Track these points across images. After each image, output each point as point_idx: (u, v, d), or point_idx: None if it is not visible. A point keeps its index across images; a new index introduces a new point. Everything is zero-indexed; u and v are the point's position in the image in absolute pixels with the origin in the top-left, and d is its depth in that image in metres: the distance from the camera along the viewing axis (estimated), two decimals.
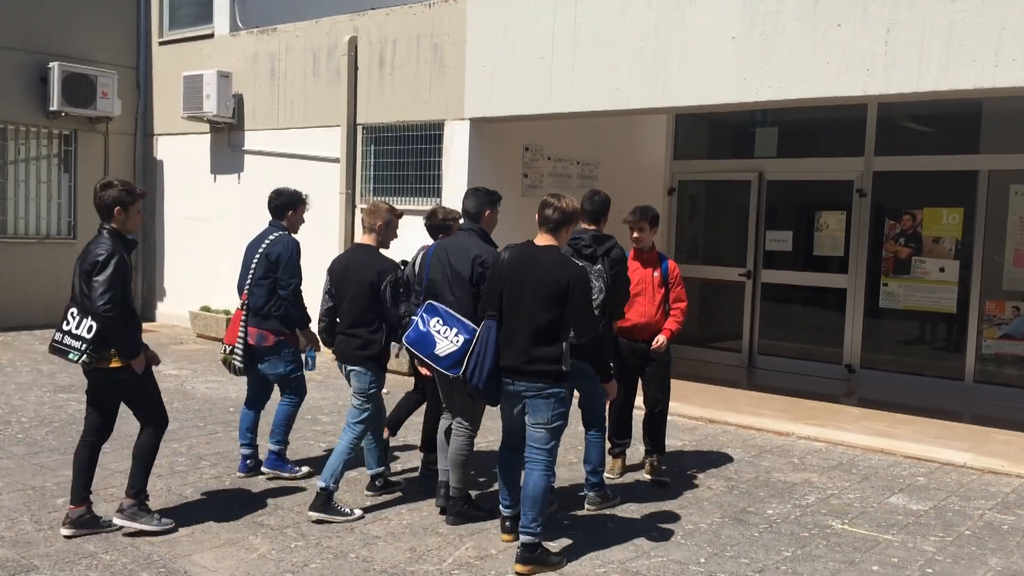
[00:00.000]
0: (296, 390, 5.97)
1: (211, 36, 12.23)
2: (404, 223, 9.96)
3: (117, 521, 4.77)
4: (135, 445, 4.88)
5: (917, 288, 9.69)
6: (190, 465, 6.04)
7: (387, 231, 5.62)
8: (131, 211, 4.74)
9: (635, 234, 5.88)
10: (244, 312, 5.84)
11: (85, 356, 4.60)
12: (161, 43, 12.92)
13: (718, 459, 6.71)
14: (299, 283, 5.91)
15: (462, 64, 9.42)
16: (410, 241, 9.93)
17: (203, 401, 7.99)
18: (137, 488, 4.81)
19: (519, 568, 4.43)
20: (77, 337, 4.62)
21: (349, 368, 5.39)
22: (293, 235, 6.11)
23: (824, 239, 10.35)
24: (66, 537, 4.68)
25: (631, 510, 5.46)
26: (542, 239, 4.64)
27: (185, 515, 5.05)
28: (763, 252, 10.78)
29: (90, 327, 4.59)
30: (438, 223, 5.82)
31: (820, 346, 10.44)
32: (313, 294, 5.83)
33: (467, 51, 9.37)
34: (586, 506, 5.44)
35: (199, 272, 12.38)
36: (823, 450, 7.07)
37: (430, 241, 5.86)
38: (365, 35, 10.37)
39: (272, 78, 11.40)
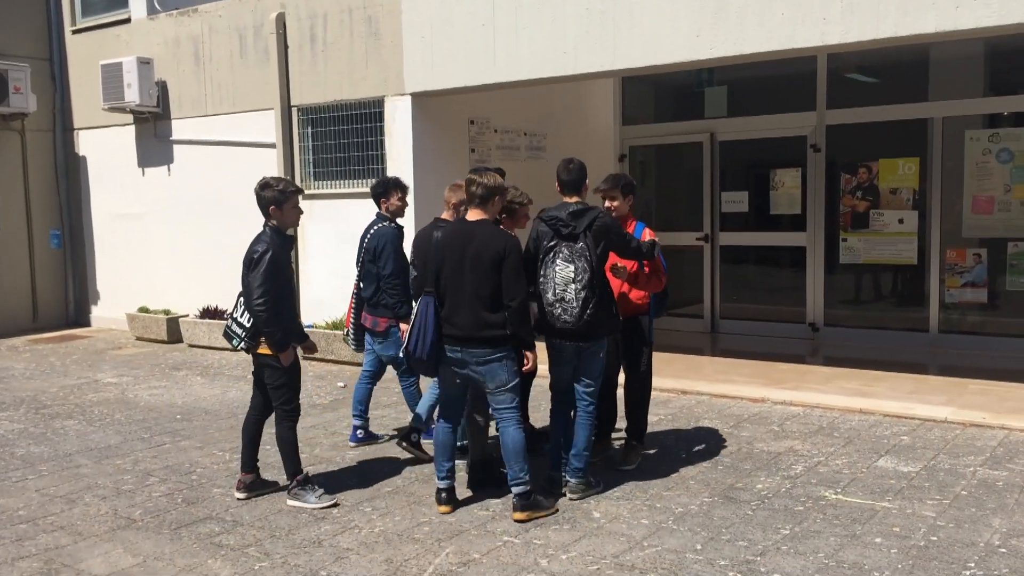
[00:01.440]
0: (406, 372, 6.20)
1: (128, 21, 11.52)
2: (349, 206, 9.59)
3: (290, 502, 5.10)
4: (276, 439, 5.22)
5: (876, 241, 9.56)
6: (137, 483, 5.58)
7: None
8: (286, 208, 5.10)
9: (607, 203, 5.55)
10: (355, 299, 6.34)
11: (244, 344, 5.08)
12: (75, 31, 12.16)
13: (697, 433, 6.46)
14: (396, 272, 5.98)
15: (399, 36, 8.95)
16: (356, 224, 9.48)
17: (147, 410, 7.48)
18: (291, 472, 5.15)
19: (518, 516, 4.78)
20: (240, 325, 5.09)
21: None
22: (396, 222, 6.26)
23: (780, 197, 10.16)
24: (240, 500, 5.19)
25: (615, 496, 5.16)
26: (473, 214, 4.94)
27: (133, 541, 4.61)
28: (719, 214, 10.56)
29: (250, 317, 5.02)
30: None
31: (783, 306, 10.28)
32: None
33: (403, 21, 8.90)
34: (567, 495, 5.13)
35: (134, 272, 11.75)
36: (801, 415, 6.87)
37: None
38: (293, 11, 9.81)
39: (197, 62, 10.77)
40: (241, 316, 5.08)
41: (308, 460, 5.92)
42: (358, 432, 6.33)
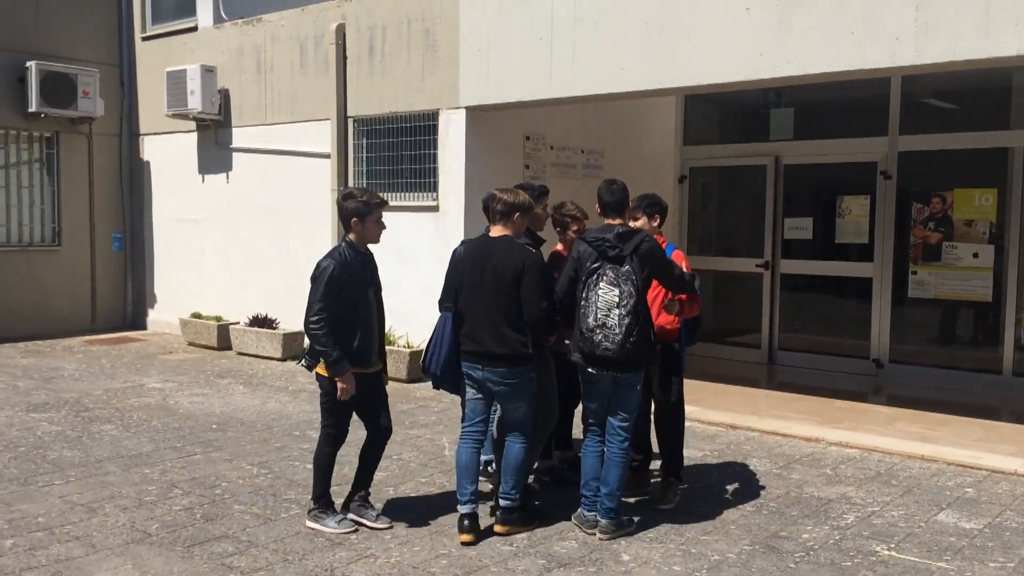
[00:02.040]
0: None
1: (195, 29, 11.65)
2: (402, 220, 9.49)
3: (309, 524, 4.93)
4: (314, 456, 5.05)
5: (949, 275, 9.04)
6: (160, 494, 5.48)
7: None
8: (368, 221, 4.81)
9: (631, 224, 5.30)
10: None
11: (304, 361, 4.95)
12: (144, 38, 12.36)
13: (743, 472, 6.10)
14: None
15: (456, 49, 8.82)
16: (408, 238, 9.40)
17: (185, 417, 7.43)
18: (317, 494, 4.96)
19: (499, 528, 4.83)
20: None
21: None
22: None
23: (847, 225, 9.71)
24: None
25: (648, 537, 4.86)
26: (496, 230, 4.90)
27: (144, 557, 4.49)
28: (781, 241, 10.15)
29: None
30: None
31: (845, 340, 9.81)
32: (304, 294, 5.05)
33: (461, 35, 8.77)
34: (598, 535, 4.86)
35: (190, 277, 11.85)
36: (857, 458, 6.46)
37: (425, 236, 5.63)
38: (353, 21, 9.78)
39: (258, 71, 10.83)
40: None
41: (334, 480, 5.74)
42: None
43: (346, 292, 4.74)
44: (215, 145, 11.40)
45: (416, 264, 9.19)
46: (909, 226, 9.29)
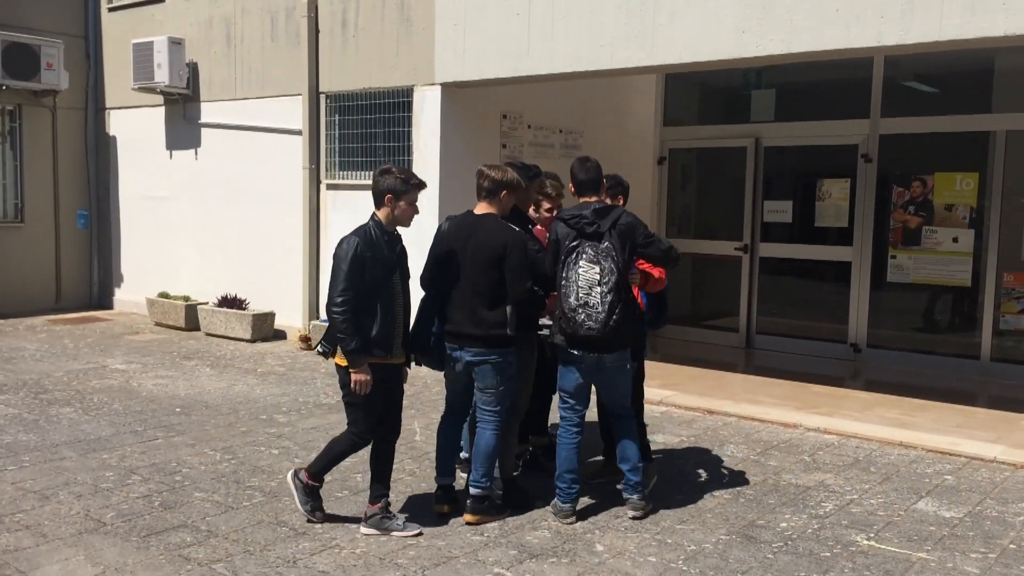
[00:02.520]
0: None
1: (163, 0, 11.30)
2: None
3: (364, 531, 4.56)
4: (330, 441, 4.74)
5: (928, 260, 8.96)
6: (118, 481, 5.27)
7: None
8: (403, 201, 4.48)
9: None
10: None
11: (320, 347, 4.59)
12: (111, 9, 11.98)
13: (719, 459, 5.98)
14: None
15: (431, 23, 8.58)
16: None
17: (147, 400, 7.20)
18: (314, 470, 4.62)
19: (469, 518, 4.65)
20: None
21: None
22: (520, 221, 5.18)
23: (827, 209, 9.59)
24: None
25: (623, 527, 4.72)
26: (480, 207, 4.74)
27: (98, 548, 4.28)
28: (760, 224, 10.02)
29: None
30: None
31: (823, 324, 9.72)
32: (274, 274, 4.93)
33: (436, 9, 8.52)
34: (630, 513, 4.80)
35: (157, 256, 11.55)
36: (835, 444, 6.36)
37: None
38: None
39: (228, 44, 10.52)
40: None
41: (301, 465, 5.56)
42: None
43: (368, 273, 4.35)
44: (183, 120, 11.09)
45: None
46: (889, 210, 9.18)
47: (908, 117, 9.02)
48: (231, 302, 10.19)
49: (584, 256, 4.55)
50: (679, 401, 7.41)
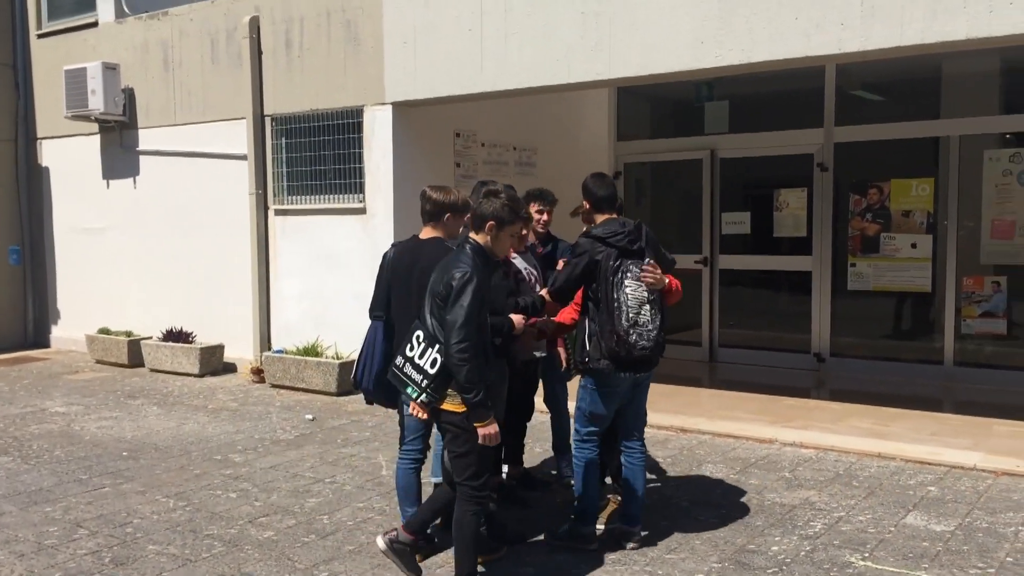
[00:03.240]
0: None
1: (95, 25, 10.87)
2: (327, 223, 8.96)
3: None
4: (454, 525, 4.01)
5: (887, 267, 8.95)
6: (63, 536, 4.87)
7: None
8: (506, 232, 4.00)
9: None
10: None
11: (424, 396, 3.84)
12: (40, 35, 11.50)
13: (700, 480, 5.79)
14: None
15: (380, 41, 8.34)
16: (334, 242, 8.87)
17: (91, 445, 6.77)
18: (412, 528, 4.11)
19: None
20: (419, 369, 3.85)
21: None
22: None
23: (785, 219, 9.54)
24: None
25: (610, 559, 4.49)
26: (426, 232, 4.49)
27: None
28: (719, 236, 9.94)
29: (434, 360, 3.81)
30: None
31: (786, 334, 9.65)
32: (222, 305, 4.61)
33: (384, 26, 8.29)
34: (631, 545, 4.61)
35: (96, 290, 11.04)
36: (814, 458, 6.22)
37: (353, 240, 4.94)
38: (268, 14, 9.18)
39: (166, 68, 10.12)
40: (421, 358, 3.84)
41: (261, 509, 5.24)
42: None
43: (485, 310, 3.86)
44: (120, 148, 10.64)
45: (345, 269, 8.66)
46: (847, 218, 9.17)
47: (862, 125, 9.02)
48: (177, 335, 9.75)
49: (630, 274, 4.39)
50: (651, 420, 7.16)
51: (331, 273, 8.78)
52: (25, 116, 11.62)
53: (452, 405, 3.81)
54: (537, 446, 6.41)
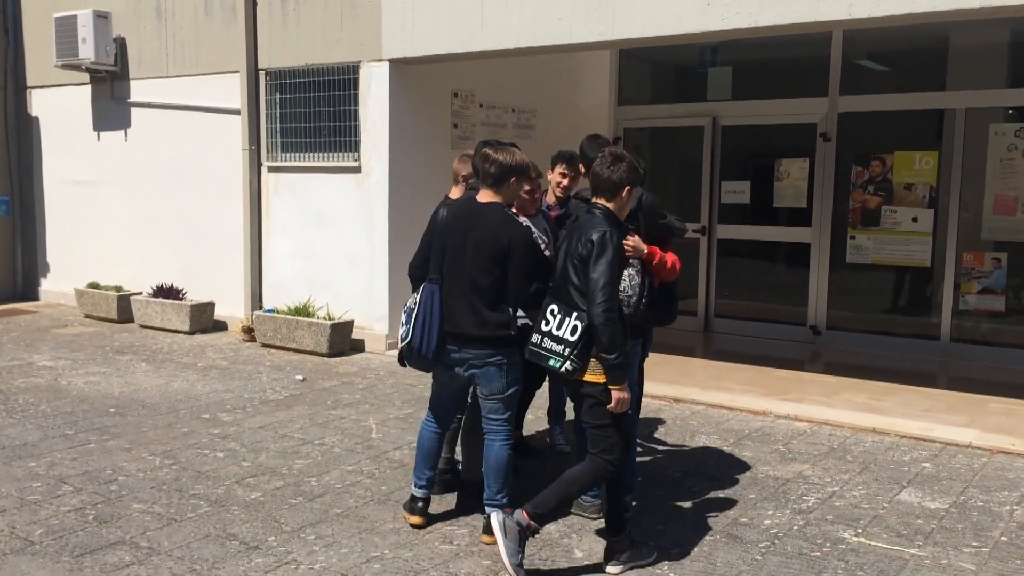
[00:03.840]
0: None
1: None
2: (321, 182, 8.81)
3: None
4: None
5: (887, 240, 8.85)
6: (47, 492, 4.80)
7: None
8: (632, 194, 3.97)
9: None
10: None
11: (568, 364, 3.78)
12: None
13: (693, 452, 5.74)
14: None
15: None
16: (327, 202, 8.73)
17: (78, 400, 6.68)
18: (539, 511, 3.82)
19: (486, 539, 4.17)
20: (559, 340, 3.81)
21: None
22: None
23: (785, 189, 9.42)
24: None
25: (600, 528, 4.43)
26: (484, 195, 4.22)
27: (25, 571, 3.84)
28: (718, 205, 9.82)
29: (574, 328, 3.77)
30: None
31: (782, 306, 9.58)
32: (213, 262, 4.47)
33: None
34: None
35: (86, 243, 10.89)
36: (808, 432, 6.17)
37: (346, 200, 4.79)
38: None
39: (159, 18, 9.89)
40: (560, 328, 3.81)
41: (248, 470, 5.17)
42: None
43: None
44: (111, 99, 10.43)
45: (338, 230, 8.53)
46: (848, 190, 9.05)
47: (867, 95, 8.87)
48: (167, 292, 9.63)
49: None
50: (644, 389, 7.13)
51: (324, 232, 8.65)
52: (15, 64, 11.38)
53: (593, 376, 3.81)
54: (530, 412, 6.34)
